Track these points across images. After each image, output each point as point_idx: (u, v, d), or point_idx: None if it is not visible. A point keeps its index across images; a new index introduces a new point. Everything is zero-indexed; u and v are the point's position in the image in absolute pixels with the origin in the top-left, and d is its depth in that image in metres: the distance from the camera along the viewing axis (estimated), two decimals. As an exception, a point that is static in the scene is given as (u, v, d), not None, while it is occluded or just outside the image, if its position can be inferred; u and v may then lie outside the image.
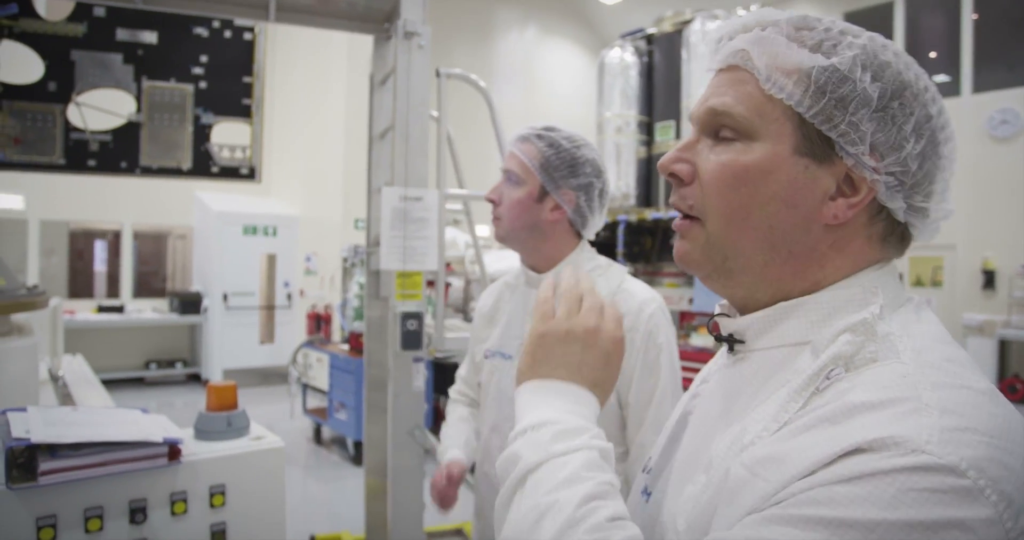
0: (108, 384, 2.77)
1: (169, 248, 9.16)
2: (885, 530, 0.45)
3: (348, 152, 8.01)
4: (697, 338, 4.76)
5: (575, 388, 0.70)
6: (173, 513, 1.23)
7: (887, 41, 0.63)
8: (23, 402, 1.51)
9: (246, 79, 3.24)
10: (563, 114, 11.37)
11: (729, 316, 0.71)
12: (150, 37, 3.07)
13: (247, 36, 3.23)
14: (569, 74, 11.74)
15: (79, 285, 8.49)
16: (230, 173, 3.26)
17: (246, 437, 1.40)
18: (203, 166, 3.19)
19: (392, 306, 2.14)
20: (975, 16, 8.93)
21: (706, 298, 5.05)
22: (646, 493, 0.76)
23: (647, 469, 0.79)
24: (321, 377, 5.71)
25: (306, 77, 8.88)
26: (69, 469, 1.11)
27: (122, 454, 1.17)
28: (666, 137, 6.17)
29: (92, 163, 3.02)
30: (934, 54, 9.55)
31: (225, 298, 8.19)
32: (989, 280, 8.50)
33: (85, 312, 8.00)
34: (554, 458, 0.64)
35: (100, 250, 8.73)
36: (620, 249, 5.90)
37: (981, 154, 8.71)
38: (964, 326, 8.36)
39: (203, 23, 3.12)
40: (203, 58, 3.15)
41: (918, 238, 0.67)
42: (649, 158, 6.38)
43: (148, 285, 8.95)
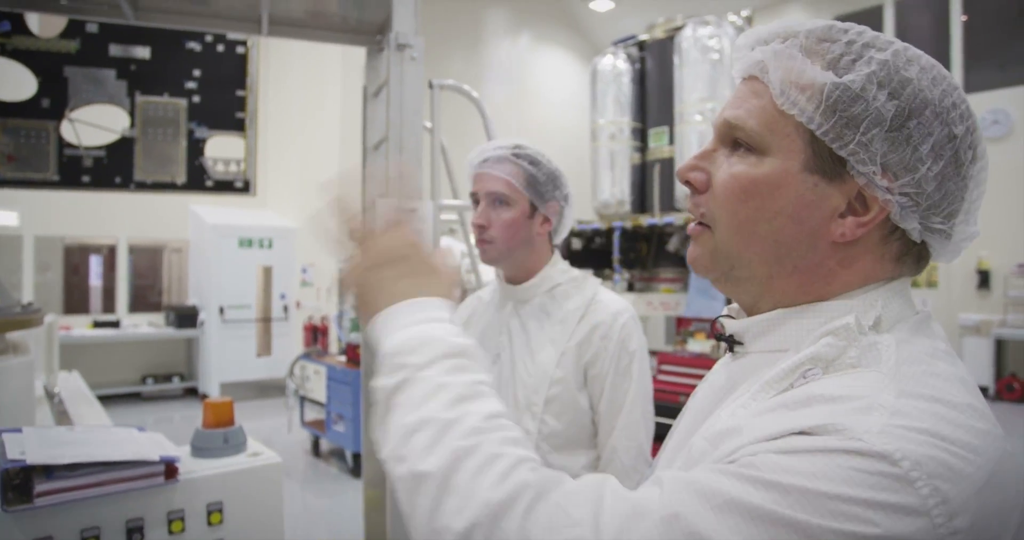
0: (105, 400, 2.76)
1: (165, 262, 9.15)
2: (802, 495, 0.46)
3: (343, 163, 8.01)
4: (694, 344, 4.76)
5: (411, 301, 0.71)
6: (171, 532, 1.22)
7: (916, 54, 0.61)
8: (19, 421, 1.50)
9: (239, 93, 3.25)
10: (557, 122, 11.41)
11: (734, 318, 0.72)
12: (143, 52, 3.07)
13: (240, 50, 3.24)
14: (562, 82, 11.78)
15: (74, 300, 8.47)
16: (225, 187, 3.26)
17: (243, 453, 1.39)
18: (198, 180, 3.19)
19: (388, 318, 2.13)
20: (964, 17, 8.99)
21: (701, 304, 5.05)
22: None
23: (652, 463, 0.84)
24: (319, 389, 5.69)
25: (301, 88, 8.89)
26: (65, 490, 1.11)
27: (119, 473, 1.16)
28: (660, 143, 6.18)
29: (86, 179, 3.01)
30: (924, 56, 9.62)
31: (221, 311, 8.17)
32: (984, 280, 8.53)
33: (81, 328, 7.98)
34: (413, 375, 0.63)
35: (95, 265, 8.72)
36: (616, 255, 5.90)
37: (973, 155, 8.76)
38: (960, 326, 8.38)
39: (196, 37, 3.13)
40: (196, 72, 3.15)
41: (937, 259, 0.65)
42: (643, 164, 6.39)
43: (144, 299, 8.92)
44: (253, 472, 1.34)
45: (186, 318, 8.26)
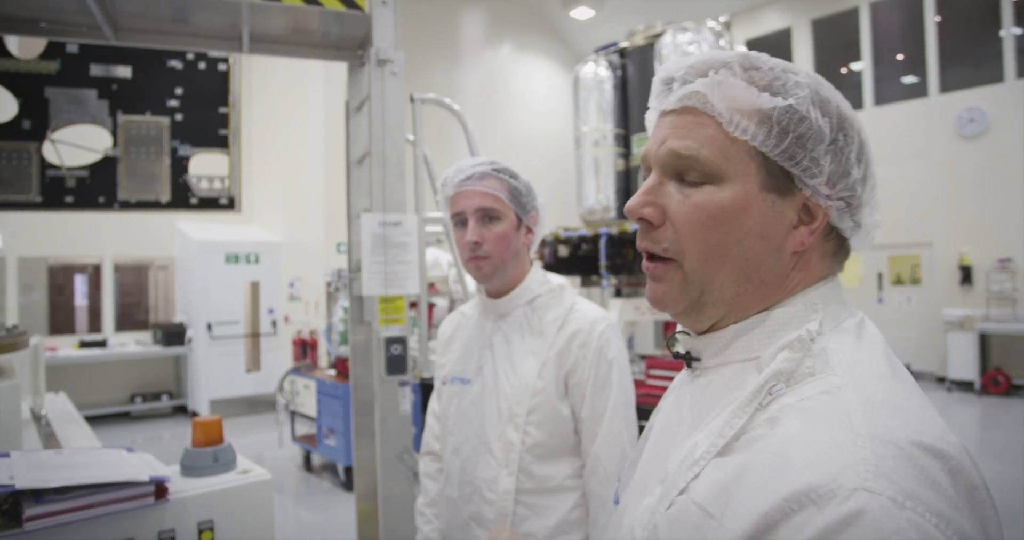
0: (93, 420, 2.73)
1: (151, 280, 9.09)
2: None
3: (328, 176, 8.01)
4: (677, 343, 4.77)
5: None
6: (162, 552, 1.22)
7: (818, 76, 0.68)
8: (6, 446, 1.50)
9: (222, 110, 3.25)
10: (540, 130, 11.47)
11: (688, 334, 0.74)
12: (124, 71, 3.08)
13: (222, 67, 3.25)
14: (545, 90, 11.85)
15: (60, 321, 8.39)
16: (209, 204, 3.26)
17: (233, 471, 1.39)
18: (182, 198, 3.19)
19: (376, 331, 2.14)
20: (938, 18, 9.14)
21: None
22: (616, 501, 0.80)
23: (619, 477, 0.84)
24: (309, 403, 5.67)
25: (284, 103, 8.89)
26: (55, 513, 1.11)
27: (108, 495, 1.16)
28: (643, 148, 6.24)
29: (69, 199, 3.01)
30: (901, 56, 9.76)
31: (209, 328, 8.13)
32: (966, 276, 8.63)
33: (67, 348, 7.90)
34: None
35: (80, 284, 8.65)
36: (603, 261, 5.93)
37: (951, 153, 8.88)
38: (945, 322, 8.47)
39: (177, 56, 3.14)
40: (178, 90, 3.16)
41: (855, 248, 0.71)
42: (627, 170, 6.44)
43: (131, 318, 8.86)
44: (243, 490, 1.35)
45: (174, 335, 8.21)
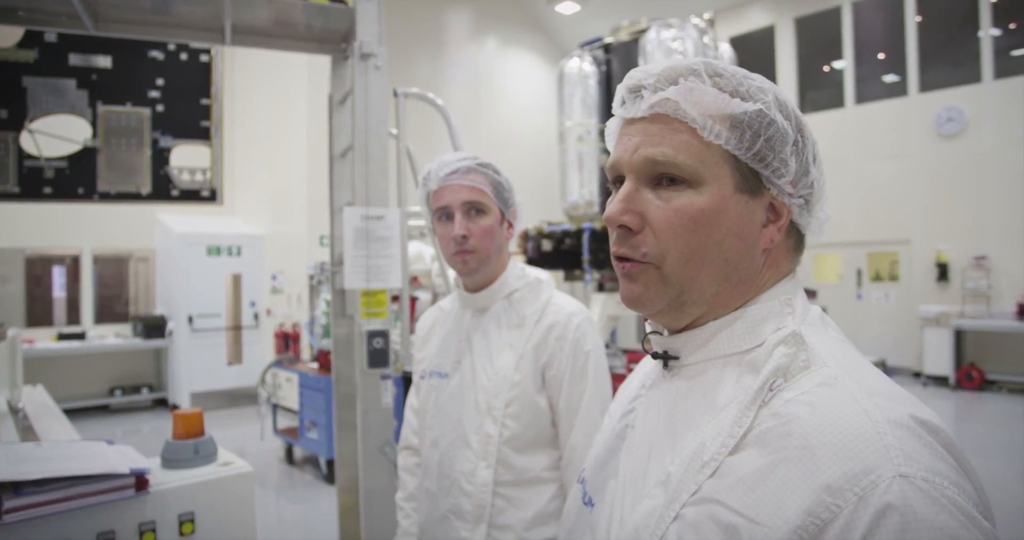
0: (72, 413, 2.71)
1: (131, 272, 8.99)
2: None
3: (311, 169, 7.97)
4: (651, 343, 4.82)
5: None
6: (142, 543, 1.23)
7: (769, 81, 0.71)
8: (-16, 438, 1.49)
9: (204, 101, 3.23)
10: (524, 124, 11.47)
11: (660, 333, 0.75)
12: (104, 61, 3.04)
13: (204, 58, 3.22)
14: (529, 84, 11.84)
15: (37, 313, 8.28)
16: (191, 196, 3.24)
17: (214, 463, 1.40)
18: (163, 190, 3.16)
19: (358, 324, 2.15)
20: (919, 18, 9.25)
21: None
22: (589, 503, 0.79)
23: (582, 479, 0.83)
24: (291, 397, 5.66)
25: (267, 95, 8.82)
26: (35, 506, 1.11)
27: (88, 487, 1.17)
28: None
29: (48, 190, 2.97)
30: (882, 55, 9.87)
31: (190, 320, 8.07)
32: (943, 273, 8.77)
33: (45, 340, 7.81)
34: None
35: (59, 276, 8.53)
36: (586, 256, 5.96)
37: (930, 151, 9.01)
38: (922, 318, 8.61)
39: (158, 46, 3.11)
40: (159, 81, 3.13)
41: (809, 243, 0.75)
42: (611, 166, 6.47)
43: (110, 310, 8.76)
44: (224, 482, 1.35)
45: (154, 328, 8.14)
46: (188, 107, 3.20)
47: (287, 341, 7.43)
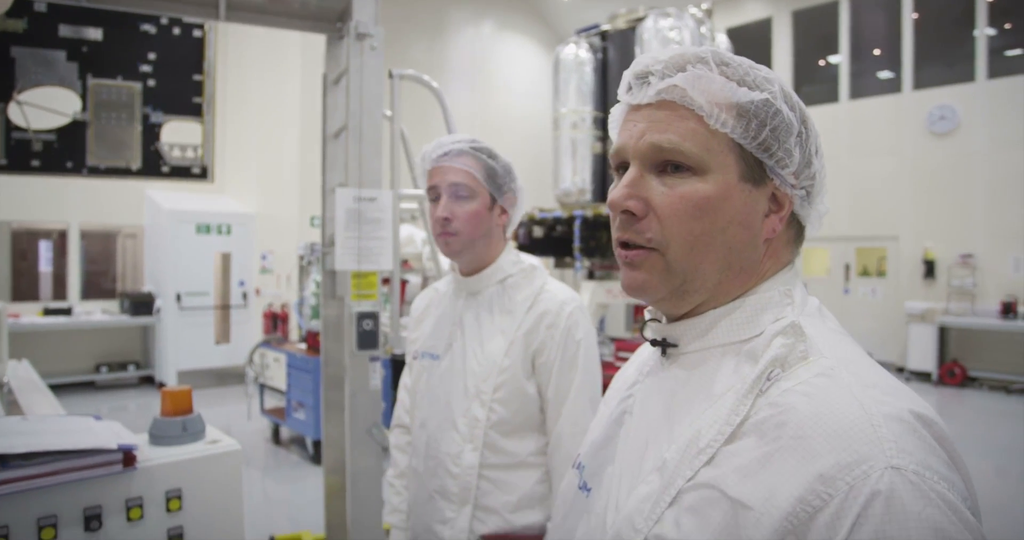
0: (57, 389, 2.71)
1: (119, 248, 8.92)
2: None
3: (303, 149, 7.91)
4: (650, 330, 4.85)
5: None
6: (129, 519, 1.23)
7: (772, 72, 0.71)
8: (-31, 411, 1.48)
9: (196, 77, 3.19)
10: (519, 110, 11.42)
11: (659, 321, 0.75)
12: (95, 34, 3.00)
13: (197, 33, 3.18)
14: (525, 70, 11.77)
15: (23, 287, 8.21)
16: (181, 173, 3.21)
17: (202, 441, 1.40)
18: (153, 166, 3.14)
19: (348, 306, 2.15)
20: (915, 15, 9.25)
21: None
22: (585, 488, 0.79)
23: (578, 465, 0.83)
24: (279, 377, 5.65)
25: (260, 73, 8.72)
26: (20, 479, 1.11)
27: (75, 462, 1.16)
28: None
29: (36, 163, 2.94)
30: (878, 52, 9.87)
31: (178, 298, 8.02)
32: (929, 269, 8.85)
33: (30, 315, 7.74)
34: None
35: (45, 250, 8.45)
36: (577, 244, 5.97)
37: (921, 149, 9.05)
38: (908, 314, 8.69)
39: (151, 20, 3.07)
40: (151, 56, 3.09)
41: (808, 235, 0.76)
42: (604, 153, 6.46)
43: (97, 286, 8.69)
44: (212, 459, 1.36)
45: (141, 305, 8.09)
46: (180, 83, 3.17)
47: (275, 321, 7.41)
